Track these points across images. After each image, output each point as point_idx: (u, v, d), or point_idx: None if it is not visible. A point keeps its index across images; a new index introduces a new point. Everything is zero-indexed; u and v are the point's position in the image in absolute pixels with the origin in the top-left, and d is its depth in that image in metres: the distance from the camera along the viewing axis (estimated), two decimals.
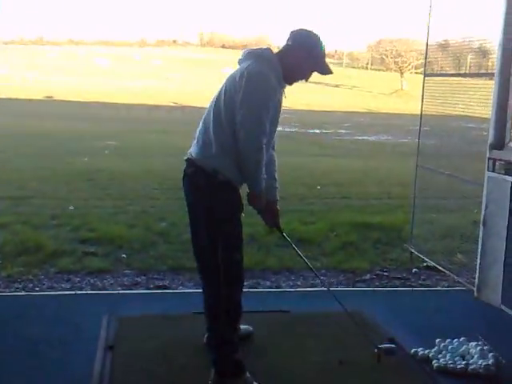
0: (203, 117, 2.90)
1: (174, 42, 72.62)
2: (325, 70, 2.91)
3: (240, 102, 2.67)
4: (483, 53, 4.99)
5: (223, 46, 67.08)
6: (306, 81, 2.95)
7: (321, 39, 2.90)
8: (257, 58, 2.79)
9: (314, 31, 2.92)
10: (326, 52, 2.96)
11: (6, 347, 3.26)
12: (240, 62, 2.87)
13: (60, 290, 4.31)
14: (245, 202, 2.89)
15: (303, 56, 2.83)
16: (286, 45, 2.89)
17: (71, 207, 6.96)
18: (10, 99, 24.34)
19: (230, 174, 2.76)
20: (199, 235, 2.90)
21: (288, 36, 2.91)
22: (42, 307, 3.89)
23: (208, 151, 2.78)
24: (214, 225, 2.78)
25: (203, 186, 2.80)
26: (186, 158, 2.93)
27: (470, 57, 5.03)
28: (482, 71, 5.03)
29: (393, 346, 3.22)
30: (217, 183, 2.76)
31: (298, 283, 4.66)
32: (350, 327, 3.61)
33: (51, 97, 30.06)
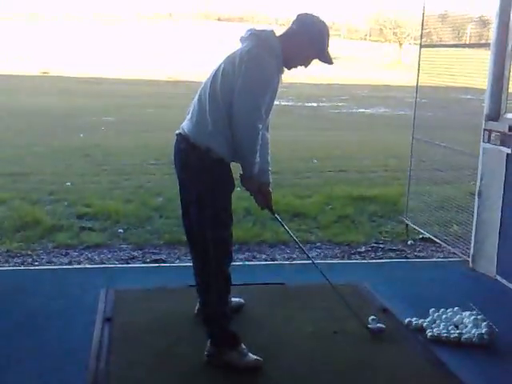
0: (198, 94, 2.87)
1: (170, 15, 71.77)
2: (326, 60, 2.86)
3: (238, 87, 2.65)
4: (484, 23, 4.93)
5: (219, 19, 66.34)
6: (306, 67, 2.91)
7: (327, 27, 2.84)
8: (259, 42, 2.74)
9: (321, 18, 2.85)
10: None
11: (5, 320, 3.30)
12: (242, 40, 2.82)
13: (58, 265, 4.35)
14: (238, 182, 2.90)
15: (307, 43, 2.78)
16: (291, 28, 2.83)
17: (68, 183, 6.97)
18: (5, 75, 24.11)
19: (222, 152, 2.76)
20: (189, 211, 2.92)
21: (294, 19, 2.85)
22: (41, 281, 3.93)
23: (203, 130, 2.77)
24: (204, 202, 2.79)
25: (195, 162, 2.80)
26: (177, 132, 2.92)
27: (470, 27, 4.98)
28: (483, 41, 4.98)
29: (382, 326, 3.24)
30: (209, 161, 2.76)
31: (294, 256, 4.69)
32: (345, 299, 3.67)
33: (47, 72, 29.80)
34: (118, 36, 48.46)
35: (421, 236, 5.17)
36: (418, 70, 5.10)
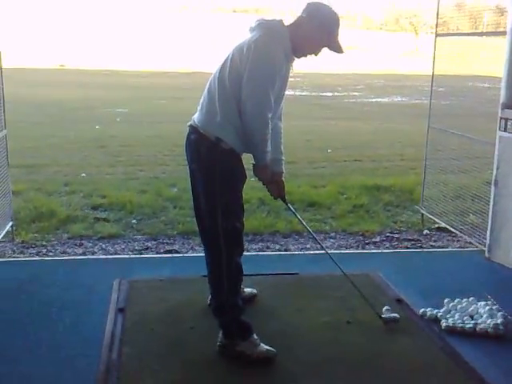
0: (208, 83, 2.86)
1: (185, 7, 71.70)
2: (336, 48, 2.81)
3: (246, 75, 2.63)
4: (501, 11, 4.84)
5: (234, 11, 66.13)
6: (316, 56, 2.86)
7: (337, 15, 2.80)
8: (266, 30, 2.71)
9: (331, 7, 2.82)
10: (340, 14, 2.86)
11: (21, 310, 3.34)
12: (251, 30, 2.80)
13: (73, 255, 4.37)
14: (250, 172, 2.88)
15: (316, 30, 2.74)
16: (300, 16, 2.79)
17: (83, 174, 7.01)
18: (23, 68, 24.30)
19: (232, 142, 2.74)
20: (200, 202, 2.91)
21: (304, 7, 2.81)
22: (56, 271, 3.96)
23: (212, 120, 2.76)
24: (214, 193, 2.78)
25: (205, 153, 2.79)
26: (189, 123, 2.91)
27: (486, 15, 4.89)
28: (501, 29, 4.89)
29: (396, 315, 3.21)
30: (219, 151, 2.74)
31: (307, 246, 4.66)
32: (359, 288, 3.64)
33: (63, 65, 30.00)
34: (133, 29, 48.55)
35: (436, 225, 5.11)
36: (434, 58, 5.04)
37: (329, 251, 4.50)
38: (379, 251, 4.60)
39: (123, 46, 38.64)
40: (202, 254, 4.36)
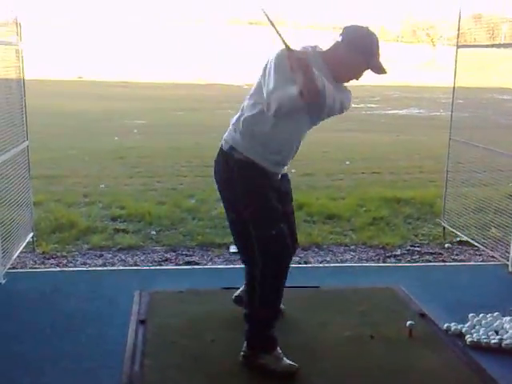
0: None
1: (202, 19, 72.29)
2: (378, 70, 2.73)
3: (266, 76, 2.60)
4: None
5: (250, 23, 66.50)
6: (357, 79, 2.81)
7: (374, 37, 2.73)
8: None
9: (369, 27, 2.75)
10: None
11: (42, 321, 3.34)
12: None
13: (93, 266, 4.39)
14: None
15: (353, 54, 2.68)
16: (337, 42, 2.74)
17: (102, 185, 7.04)
18: (41, 80, 24.61)
19: (247, 151, 2.72)
20: (229, 214, 2.93)
21: (341, 31, 2.75)
22: (76, 283, 3.98)
23: (232, 129, 2.79)
24: (238, 203, 2.77)
25: (221, 165, 2.83)
26: None
27: (504, 27, 4.86)
28: None
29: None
30: (233, 161, 2.74)
31: (327, 259, 4.63)
32: (380, 302, 3.60)
33: (81, 77, 30.36)
34: (151, 40, 49.01)
35: (458, 239, 5.05)
36: (455, 70, 5.00)
37: (349, 264, 4.52)
38: (400, 265, 4.55)
39: (140, 58, 38.99)
40: (222, 266, 4.42)
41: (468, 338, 3.16)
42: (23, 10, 4.37)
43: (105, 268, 4.34)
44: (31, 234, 4.62)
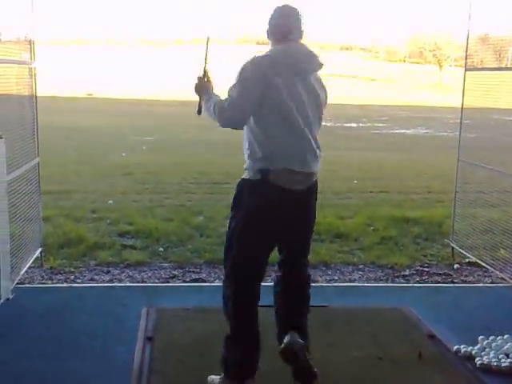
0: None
1: (212, 38, 72.95)
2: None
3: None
4: None
5: (257, 43, 67.11)
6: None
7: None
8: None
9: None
10: (364, 46, 2.87)
11: (50, 337, 3.34)
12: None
13: (100, 282, 4.39)
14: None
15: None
16: None
17: (110, 201, 7.07)
18: (52, 97, 24.86)
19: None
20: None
21: None
22: (84, 299, 3.98)
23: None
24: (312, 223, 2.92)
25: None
26: None
27: (511, 49, 4.89)
28: None
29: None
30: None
31: (335, 278, 4.61)
32: (389, 323, 3.58)
33: (91, 94, 30.64)
34: (159, 59, 49.50)
35: (467, 260, 5.02)
36: (463, 93, 5.03)
37: (358, 284, 4.50)
38: (409, 285, 4.53)
39: (149, 76, 39.37)
40: None
41: (478, 361, 3.13)
42: (36, 29, 4.42)
43: (112, 284, 4.34)
44: (40, 249, 4.63)
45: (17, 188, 4.06)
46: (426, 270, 4.87)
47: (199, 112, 2.91)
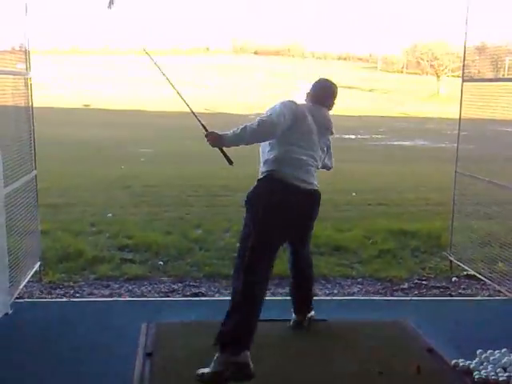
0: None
1: (207, 49, 73.24)
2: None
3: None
4: None
5: (256, 53, 67.33)
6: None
7: (329, 86, 3.68)
8: None
9: (330, 81, 3.71)
10: (361, 56, 3.17)
11: (49, 352, 3.34)
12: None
13: (100, 297, 4.39)
14: None
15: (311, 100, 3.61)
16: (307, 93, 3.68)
17: (109, 214, 7.07)
18: (49, 108, 24.87)
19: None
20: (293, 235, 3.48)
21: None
22: (83, 313, 3.98)
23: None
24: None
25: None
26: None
27: (508, 59, 4.92)
28: None
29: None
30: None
31: (335, 291, 4.62)
32: (389, 337, 3.58)
33: (88, 105, 30.68)
34: (157, 69, 49.57)
35: (465, 273, 5.03)
36: (461, 104, 5.05)
37: (357, 297, 4.51)
38: (408, 298, 4.54)
39: (147, 86, 39.44)
40: (229, 298, 4.37)
41: (476, 375, 3.14)
42: (31, 38, 4.38)
43: (112, 299, 4.35)
44: (38, 263, 4.64)
45: (14, 201, 4.06)
46: (425, 283, 4.89)
47: (230, 161, 3.30)
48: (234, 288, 3.15)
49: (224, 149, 3.29)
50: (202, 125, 3.36)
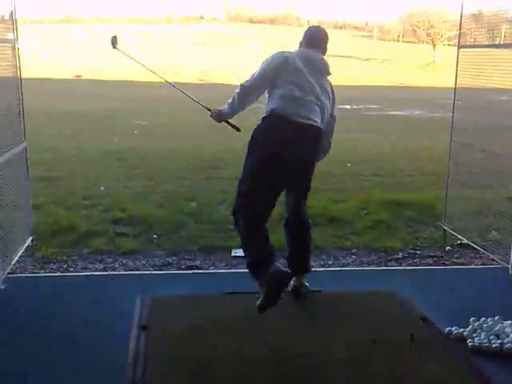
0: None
1: (201, 17, 72.24)
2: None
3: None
4: None
5: (250, 21, 66.43)
6: None
7: (316, 28, 3.75)
8: None
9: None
10: (357, 24, 3.18)
11: (42, 327, 3.34)
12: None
13: (94, 271, 4.37)
14: None
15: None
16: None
17: (102, 188, 7.02)
18: (39, 79, 24.54)
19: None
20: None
21: None
22: (77, 288, 3.97)
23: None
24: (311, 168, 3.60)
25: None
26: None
27: (504, 27, 4.85)
28: None
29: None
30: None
31: (329, 262, 4.63)
32: (382, 306, 3.60)
33: (80, 76, 30.24)
34: (149, 38, 48.88)
35: (459, 242, 5.04)
36: (456, 71, 4.99)
37: (351, 268, 4.52)
38: (402, 268, 4.55)
39: (139, 56, 38.93)
40: (224, 270, 4.41)
41: (469, 342, 3.17)
42: (20, 7, 4.29)
43: (106, 272, 4.33)
44: (30, 238, 4.61)
45: (3, 174, 3.97)
46: (418, 252, 4.90)
47: (238, 129, 3.64)
48: (239, 227, 3.40)
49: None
50: (204, 106, 3.66)
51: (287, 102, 3.33)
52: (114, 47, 3.87)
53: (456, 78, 4.99)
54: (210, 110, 3.62)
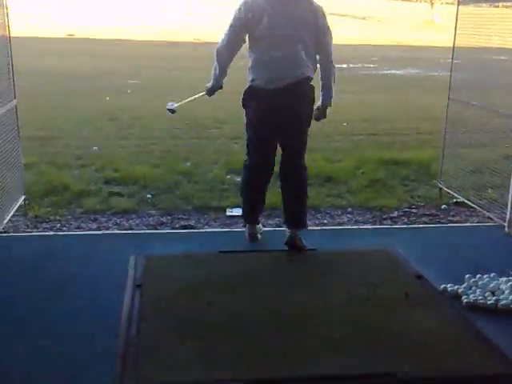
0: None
1: None
2: None
3: None
4: None
5: None
6: None
7: None
8: None
9: None
10: None
11: (37, 286, 3.32)
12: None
13: (87, 230, 4.34)
14: None
15: None
16: None
17: (95, 147, 6.92)
18: (31, 37, 24.05)
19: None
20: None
21: None
22: (71, 247, 3.93)
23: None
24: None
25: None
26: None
27: None
28: None
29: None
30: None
31: (325, 221, 4.61)
32: (377, 264, 3.60)
33: (73, 35, 29.65)
34: None
35: (455, 200, 5.03)
36: (455, 29, 4.89)
37: (346, 226, 4.50)
38: (397, 226, 4.54)
39: (133, 14, 38.10)
40: (218, 230, 4.39)
41: (464, 299, 3.17)
42: None
43: (100, 232, 4.30)
44: (23, 197, 4.56)
45: None
46: (414, 211, 4.88)
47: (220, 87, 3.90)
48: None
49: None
50: (202, 94, 3.97)
51: (260, 69, 3.55)
52: (174, 112, 4.46)
53: (455, 36, 4.91)
54: (205, 91, 3.91)
